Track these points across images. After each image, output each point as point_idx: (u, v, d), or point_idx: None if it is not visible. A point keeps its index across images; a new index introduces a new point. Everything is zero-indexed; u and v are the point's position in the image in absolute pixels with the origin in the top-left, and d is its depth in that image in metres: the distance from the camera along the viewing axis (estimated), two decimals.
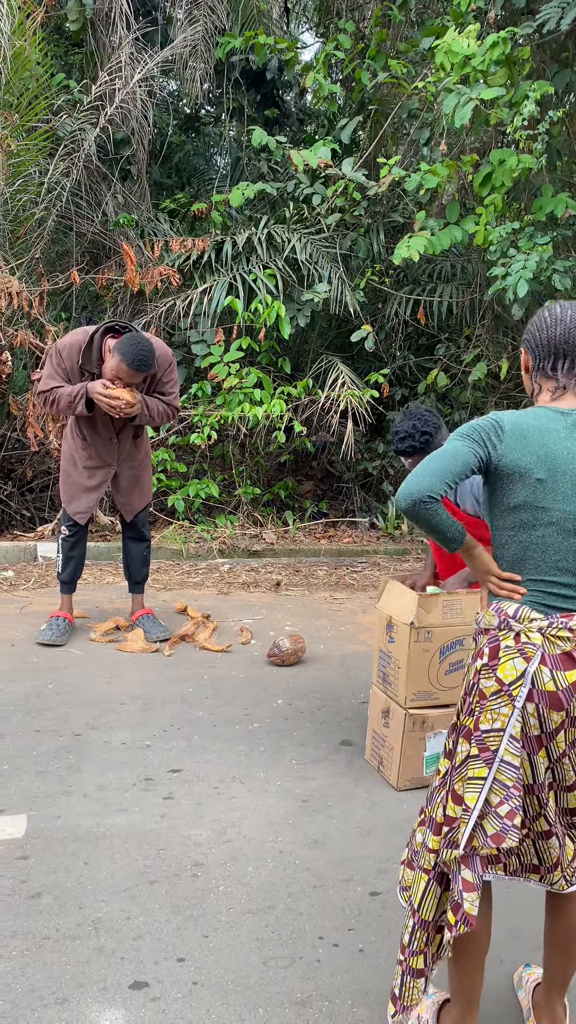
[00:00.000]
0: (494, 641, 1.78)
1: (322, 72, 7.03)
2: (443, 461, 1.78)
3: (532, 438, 1.79)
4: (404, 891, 1.97)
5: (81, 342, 3.98)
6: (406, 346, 7.48)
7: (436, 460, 1.78)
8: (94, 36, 7.03)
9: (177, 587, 5.40)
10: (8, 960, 2.12)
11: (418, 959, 1.85)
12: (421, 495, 1.76)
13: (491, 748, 1.74)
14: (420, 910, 1.85)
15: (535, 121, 5.29)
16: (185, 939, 2.23)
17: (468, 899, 1.73)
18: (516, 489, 1.79)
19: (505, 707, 1.73)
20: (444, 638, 3.01)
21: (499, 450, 1.79)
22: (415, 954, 1.85)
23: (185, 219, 7.60)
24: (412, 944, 1.86)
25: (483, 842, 1.74)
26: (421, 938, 1.85)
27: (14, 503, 6.31)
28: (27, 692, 3.69)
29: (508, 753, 1.73)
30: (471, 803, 1.74)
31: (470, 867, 1.77)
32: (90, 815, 2.77)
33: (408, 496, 1.77)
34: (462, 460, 1.78)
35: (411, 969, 1.86)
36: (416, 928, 1.85)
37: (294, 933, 2.28)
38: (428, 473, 1.77)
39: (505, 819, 1.72)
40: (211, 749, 3.27)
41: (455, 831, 1.78)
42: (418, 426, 3.11)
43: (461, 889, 1.75)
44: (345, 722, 3.59)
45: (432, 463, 1.78)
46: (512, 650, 1.75)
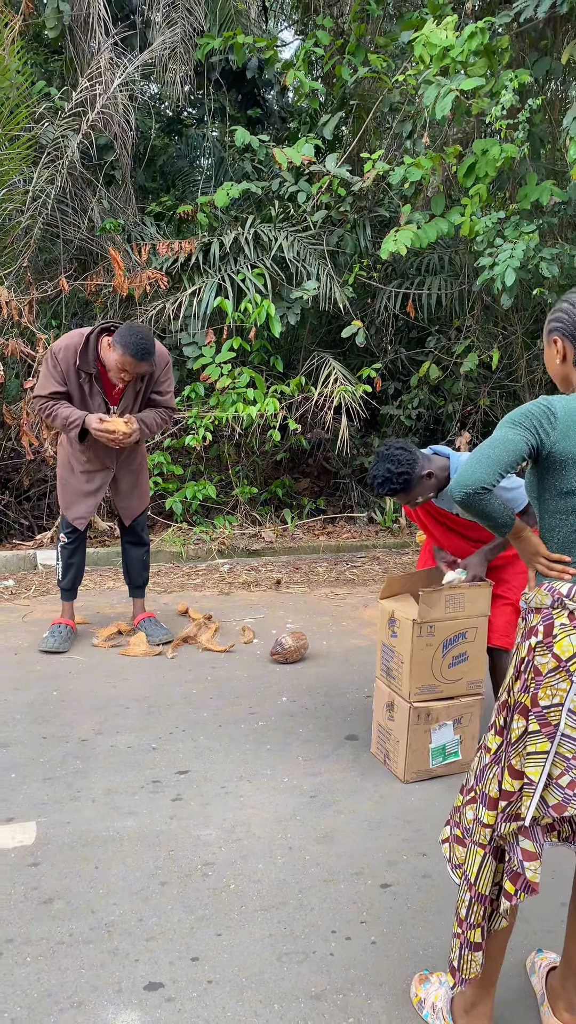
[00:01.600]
0: (548, 619, 1.81)
1: (302, 69, 7.03)
2: (497, 450, 1.79)
3: None
4: (457, 868, 1.99)
5: (77, 343, 3.98)
6: (397, 340, 7.48)
7: (490, 448, 1.79)
8: (73, 43, 7.02)
9: (178, 589, 5.41)
10: (23, 966, 2.13)
11: (476, 932, 1.87)
12: (475, 486, 1.78)
13: (552, 723, 1.77)
14: (477, 883, 1.87)
15: (516, 110, 5.30)
16: (198, 938, 2.24)
17: (531, 867, 1.78)
18: (570, 474, 1.81)
19: (563, 682, 1.77)
20: (447, 632, 3.02)
21: (552, 437, 1.80)
22: (473, 927, 1.87)
23: (172, 222, 7.61)
24: (470, 917, 1.88)
25: (544, 812, 1.78)
26: (479, 912, 1.87)
27: (12, 512, 6.31)
28: (32, 700, 3.70)
29: (568, 727, 1.77)
30: (534, 776, 1.77)
31: (530, 837, 1.80)
32: (99, 819, 2.78)
33: (463, 487, 1.79)
34: (515, 449, 1.79)
35: (469, 942, 1.88)
36: (473, 902, 1.88)
37: (306, 928, 2.29)
38: (482, 463, 1.78)
39: (567, 789, 1.76)
40: (217, 749, 3.29)
41: (514, 804, 1.81)
42: (393, 469, 2.94)
43: (521, 859, 1.78)
44: (350, 717, 3.60)
45: (485, 452, 1.79)
46: (568, 627, 1.78)
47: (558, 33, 5.89)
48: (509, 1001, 2.06)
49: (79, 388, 4.03)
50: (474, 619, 3.07)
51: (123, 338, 3.81)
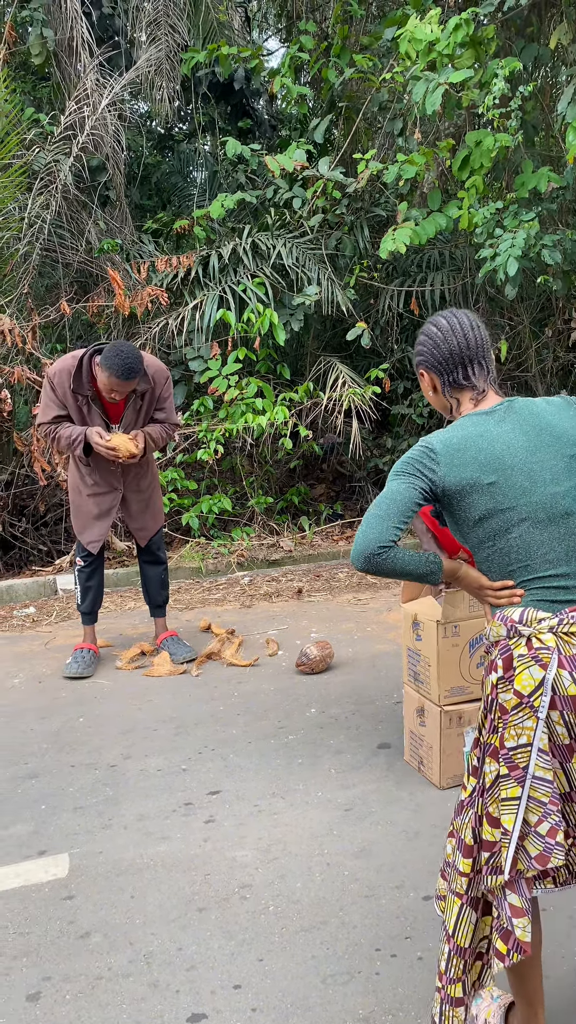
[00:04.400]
0: (506, 651, 1.71)
1: (289, 76, 7.01)
2: (383, 506, 1.74)
3: (467, 448, 1.76)
4: (439, 900, 1.91)
5: (71, 366, 3.96)
6: (403, 338, 7.42)
7: (377, 507, 1.75)
8: (58, 67, 7.05)
9: (199, 605, 5.37)
10: (63, 1004, 2.08)
11: (456, 987, 1.76)
12: (372, 548, 1.71)
13: (521, 765, 1.66)
14: (455, 936, 1.76)
15: (507, 99, 5.24)
16: (240, 965, 2.18)
17: (519, 925, 1.64)
18: (473, 501, 1.75)
19: (528, 720, 1.65)
20: (472, 631, 2.95)
21: (439, 473, 1.76)
22: (453, 982, 1.76)
23: (169, 238, 7.60)
24: (450, 971, 1.77)
25: (528, 864, 1.65)
26: (458, 966, 1.76)
27: (30, 539, 6.31)
28: (59, 728, 3.67)
29: (539, 768, 1.65)
30: (509, 826, 1.65)
31: (516, 891, 1.67)
32: (132, 847, 2.73)
33: (360, 555, 1.72)
34: (404, 498, 1.74)
35: (450, 998, 1.77)
36: (452, 955, 1.77)
37: (350, 947, 2.23)
38: (372, 524, 1.73)
39: (547, 837, 1.63)
40: (248, 767, 3.23)
41: (496, 856, 1.69)
42: None
43: (509, 916, 1.66)
44: (381, 725, 3.53)
45: (373, 512, 1.74)
46: (526, 658, 1.68)
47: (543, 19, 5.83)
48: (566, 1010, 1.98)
49: (78, 410, 4.02)
50: None
51: (108, 360, 3.78)
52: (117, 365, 3.76)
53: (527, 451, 1.77)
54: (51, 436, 4.03)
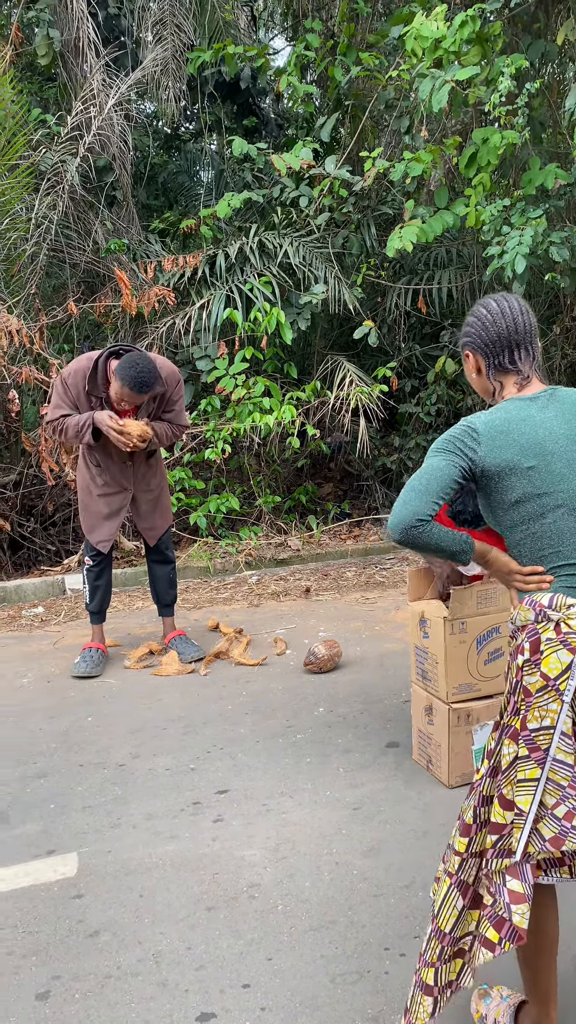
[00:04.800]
0: (534, 635, 1.71)
1: (295, 74, 7.00)
2: (424, 479, 1.75)
3: (510, 431, 1.77)
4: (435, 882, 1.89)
5: (86, 368, 3.97)
6: (410, 337, 7.41)
7: (417, 480, 1.75)
8: (65, 68, 7.06)
9: (207, 604, 5.37)
10: (72, 1003, 2.08)
11: (428, 972, 1.75)
12: (410, 521, 1.72)
13: (542, 747, 1.66)
14: (438, 917, 1.76)
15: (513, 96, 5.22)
16: (248, 964, 2.18)
17: (519, 911, 1.63)
18: (511, 484, 1.76)
19: (553, 703, 1.66)
20: (479, 627, 2.95)
21: (479, 453, 1.77)
22: (427, 965, 1.75)
23: (176, 237, 7.61)
24: (426, 954, 1.76)
25: (540, 847, 1.65)
26: (435, 950, 1.75)
27: (38, 539, 6.32)
28: (67, 727, 3.67)
29: (560, 751, 1.65)
30: (524, 807, 1.65)
31: (518, 876, 1.66)
32: (141, 846, 2.74)
33: (398, 526, 1.74)
34: (443, 475, 1.75)
35: (421, 982, 1.75)
36: (432, 936, 1.76)
37: (359, 947, 2.22)
38: (412, 496, 1.74)
39: (563, 821, 1.64)
40: (256, 766, 3.23)
41: (505, 839, 1.69)
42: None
43: (508, 902, 1.64)
44: (389, 723, 3.53)
45: (413, 485, 1.75)
46: (554, 642, 1.69)
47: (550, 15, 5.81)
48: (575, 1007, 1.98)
49: (90, 411, 4.02)
50: (506, 613, 2.98)
51: (123, 370, 3.79)
52: (131, 377, 3.77)
53: (568, 439, 1.78)
54: (58, 429, 4.03)
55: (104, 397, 3.99)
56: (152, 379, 3.82)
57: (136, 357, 3.82)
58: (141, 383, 3.79)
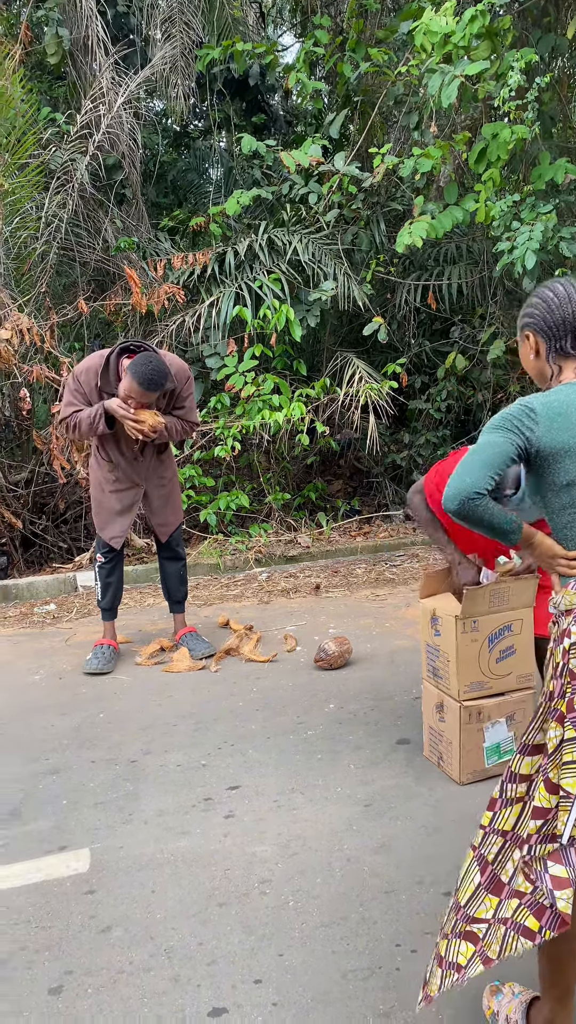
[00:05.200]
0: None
1: (304, 71, 6.99)
2: (483, 454, 1.77)
3: (568, 414, 1.79)
4: None
5: (98, 365, 3.99)
6: (420, 333, 7.40)
7: (478, 454, 1.77)
8: (74, 66, 7.07)
9: (217, 601, 5.38)
10: (85, 997, 2.10)
11: (443, 943, 1.75)
12: (468, 493, 1.74)
13: None
14: (459, 889, 1.77)
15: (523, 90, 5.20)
16: (260, 960, 2.19)
17: (563, 897, 1.59)
18: (564, 467, 1.78)
19: None
20: (491, 626, 2.94)
21: (536, 433, 1.78)
22: (443, 937, 1.76)
23: (186, 235, 7.61)
24: (445, 925, 1.78)
25: None
26: (451, 920, 1.76)
27: (50, 536, 6.35)
28: (79, 723, 3.69)
29: None
30: (572, 789, 1.65)
31: (562, 861, 1.64)
32: (152, 842, 2.75)
33: (455, 497, 1.75)
34: (502, 451, 1.76)
35: (436, 953, 1.77)
36: (451, 909, 1.77)
37: (370, 943, 2.23)
38: (470, 469, 1.75)
39: None
40: (267, 762, 3.24)
41: (550, 823, 1.68)
42: None
43: (551, 888, 1.61)
44: (400, 720, 3.53)
45: (474, 458, 1.76)
46: None
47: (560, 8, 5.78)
48: None
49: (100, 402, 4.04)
50: (519, 611, 2.98)
51: (135, 367, 3.82)
52: (142, 375, 3.79)
53: None
54: (72, 425, 4.04)
55: (115, 395, 4.01)
56: (162, 379, 3.84)
57: (149, 356, 3.84)
58: (150, 381, 3.81)
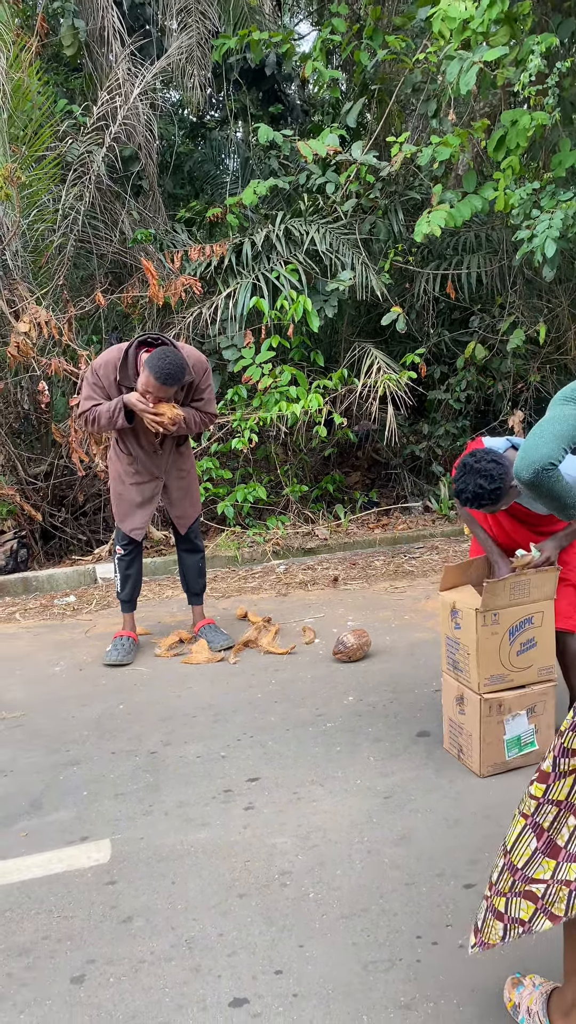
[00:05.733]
0: None
1: (320, 59, 6.94)
2: (558, 425, 1.74)
3: None
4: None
5: (116, 359, 3.99)
6: (439, 323, 7.35)
7: (550, 425, 1.74)
8: (90, 58, 7.07)
9: (235, 593, 5.39)
10: (107, 987, 2.11)
11: (500, 900, 1.79)
12: (543, 463, 1.72)
13: None
14: (512, 852, 1.78)
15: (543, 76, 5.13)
16: (280, 951, 2.19)
17: None
18: None
19: None
20: (512, 618, 2.92)
21: None
22: (499, 894, 1.79)
23: (202, 226, 7.60)
24: (498, 884, 1.80)
25: None
26: (507, 881, 1.78)
27: (69, 529, 6.38)
28: (99, 715, 3.71)
29: None
30: None
31: None
32: (173, 833, 2.76)
33: (530, 466, 1.73)
34: (574, 424, 1.74)
35: (493, 908, 1.80)
36: (504, 869, 1.79)
37: (391, 934, 2.23)
38: (545, 439, 1.73)
39: None
40: (287, 754, 3.24)
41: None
42: (486, 485, 2.77)
43: None
44: (420, 712, 3.52)
45: (546, 429, 1.74)
46: None
47: None
48: None
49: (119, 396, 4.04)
50: (540, 603, 2.96)
51: (152, 361, 3.81)
52: (159, 369, 3.78)
53: None
54: (90, 418, 4.04)
55: (135, 388, 4.01)
56: (179, 373, 3.83)
57: (166, 351, 3.83)
58: (168, 376, 3.80)
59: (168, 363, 3.80)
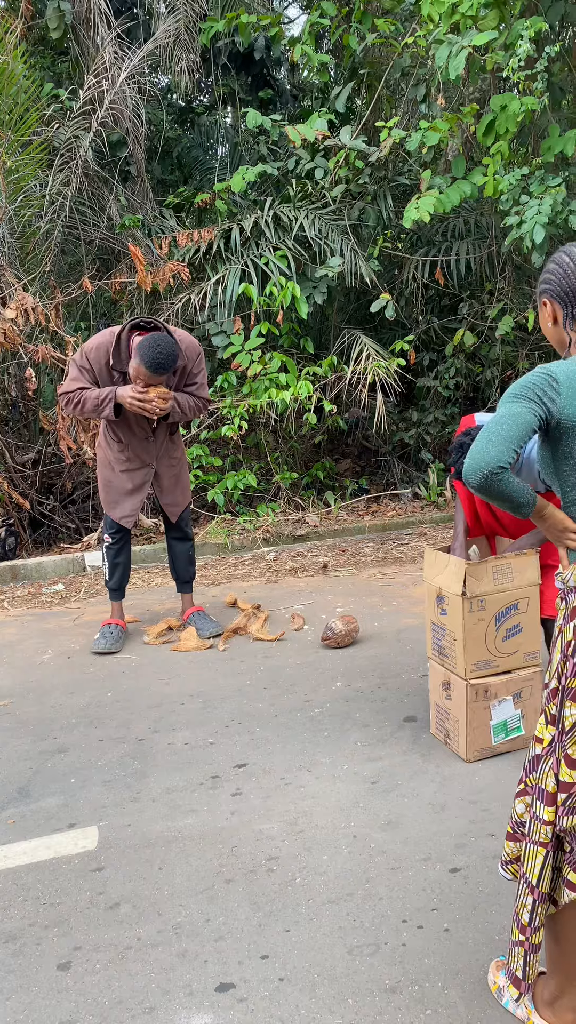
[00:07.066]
0: None
1: (309, 43, 6.89)
2: (505, 426, 1.70)
3: None
4: (507, 864, 1.91)
5: (109, 343, 3.95)
6: (428, 309, 7.33)
7: (498, 426, 1.70)
8: (77, 41, 6.99)
9: (225, 580, 5.39)
10: (93, 973, 2.12)
11: (539, 934, 1.79)
12: (491, 467, 1.68)
13: None
14: (539, 885, 1.77)
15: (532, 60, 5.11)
16: (267, 936, 2.20)
17: None
18: None
19: None
20: (498, 604, 2.93)
21: (558, 404, 1.72)
22: (536, 931, 1.79)
23: (191, 212, 7.55)
24: (534, 921, 1.78)
25: None
26: (543, 911, 1.78)
27: (58, 516, 6.36)
28: (87, 702, 3.71)
29: None
30: None
31: None
32: (160, 819, 2.76)
33: (478, 471, 1.70)
34: (524, 422, 1.70)
35: (533, 946, 1.80)
36: (537, 904, 1.78)
37: (376, 919, 2.24)
38: (493, 442, 1.69)
39: None
40: (274, 740, 3.25)
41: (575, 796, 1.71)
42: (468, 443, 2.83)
43: None
44: (407, 698, 3.53)
45: (494, 430, 1.70)
46: None
47: None
48: None
49: (112, 386, 4.01)
50: (524, 589, 2.97)
51: (143, 349, 3.78)
52: (150, 358, 3.75)
53: None
54: (75, 401, 4.00)
55: (127, 372, 3.97)
56: (170, 361, 3.80)
57: (158, 338, 3.79)
58: (158, 365, 3.77)
59: (158, 352, 3.76)
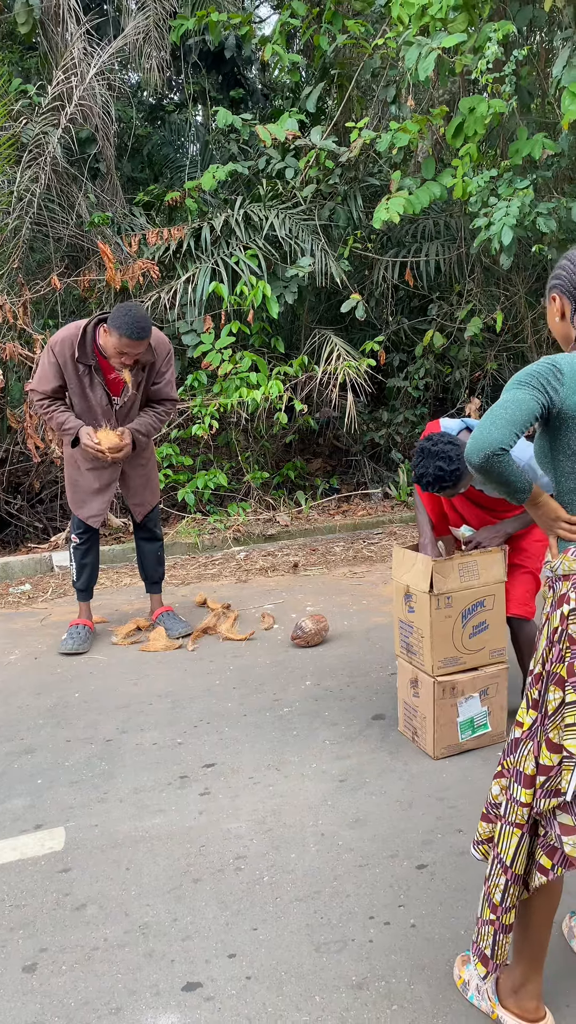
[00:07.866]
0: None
1: (280, 43, 6.89)
2: (509, 410, 1.73)
3: None
4: (479, 844, 1.95)
5: (74, 336, 3.91)
6: (398, 310, 7.37)
7: (502, 410, 1.73)
8: (45, 36, 6.92)
9: (195, 580, 5.37)
10: (59, 975, 2.10)
11: (510, 915, 1.83)
12: (493, 448, 1.71)
13: None
14: (513, 866, 1.81)
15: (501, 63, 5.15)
16: (234, 934, 2.20)
17: (569, 842, 1.72)
18: None
19: None
20: (464, 601, 2.95)
21: (561, 394, 1.75)
22: (508, 911, 1.83)
23: (161, 210, 7.51)
24: (505, 901, 1.83)
25: None
26: (515, 894, 1.82)
27: (25, 516, 6.30)
28: (54, 703, 3.67)
29: None
30: (573, 749, 1.71)
31: (570, 812, 1.74)
32: (128, 819, 2.75)
33: (480, 451, 1.72)
34: (527, 408, 1.73)
35: (503, 926, 1.84)
36: (510, 884, 1.82)
37: (343, 916, 2.25)
38: (496, 424, 1.72)
39: None
40: (243, 739, 3.24)
41: (553, 779, 1.75)
42: (445, 467, 2.81)
43: (559, 834, 1.73)
44: (376, 696, 3.54)
45: (499, 414, 1.73)
46: None
47: None
48: (559, 973, 2.00)
49: (78, 381, 3.96)
50: (490, 586, 2.99)
51: (116, 320, 3.73)
52: (127, 324, 3.70)
53: None
54: (45, 412, 4.00)
55: (93, 365, 3.93)
56: (148, 324, 3.76)
57: (128, 305, 3.75)
58: (139, 328, 3.72)
59: (133, 317, 3.71)
